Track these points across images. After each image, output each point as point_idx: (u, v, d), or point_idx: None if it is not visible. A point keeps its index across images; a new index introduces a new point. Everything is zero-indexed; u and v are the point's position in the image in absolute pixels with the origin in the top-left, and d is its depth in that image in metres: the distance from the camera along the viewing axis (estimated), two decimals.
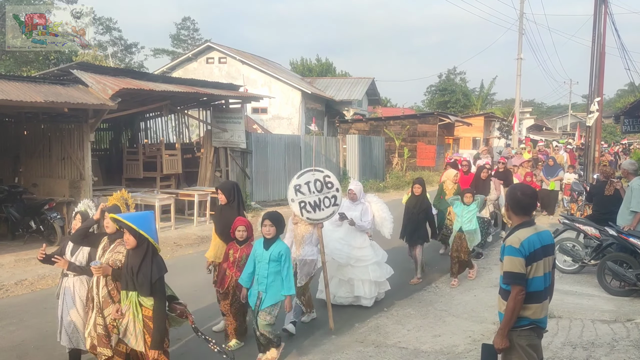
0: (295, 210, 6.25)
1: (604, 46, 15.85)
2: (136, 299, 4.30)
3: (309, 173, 6.41)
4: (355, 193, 7.36)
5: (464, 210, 8.20)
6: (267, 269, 5.17)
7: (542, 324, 3.65)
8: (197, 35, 54.94)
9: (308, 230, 6.32)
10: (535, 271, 3.54)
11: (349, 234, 7.19)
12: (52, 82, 11.56)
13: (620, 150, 31.10)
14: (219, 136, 15.31)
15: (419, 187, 8.44)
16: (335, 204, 6.38)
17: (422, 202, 8.39)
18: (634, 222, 7.82)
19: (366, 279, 7.16)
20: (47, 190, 12.33)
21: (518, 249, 3.51)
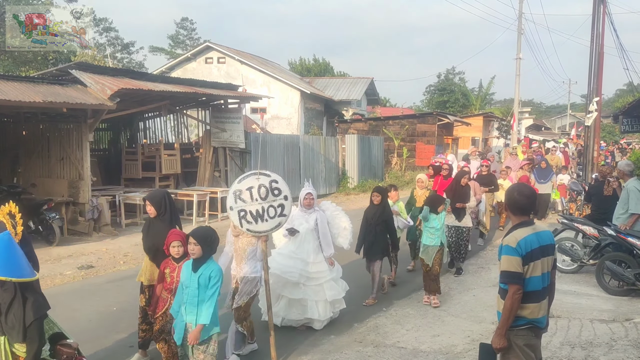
0: (233, 220, 5.39)
1: (602, 46, 15.88)
2: (6, 346, 3.53)
3: (253, 177, 5.50)
4: (313, 198, 6.53)
5: (440, 221, 7.37)
6: (197, 295, 4.32)
7: (540, 324, 3.65)
8: (195, 35, 54.99)
9: (251, 243, 5.55)
10: (533, 271, 3.55)
11: (302, 247, 6.40)
12: (50, 82, 11.57)
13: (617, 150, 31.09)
14: (218, 136, 15.31)
15: (377, 195, 7.49)
16: (282, 214, 5.47)
17: (382, 212, 7.41)
18: (629, 222, 7.84)
19: (321, 299, 6.35)
20: (46, 191, 12.33)
21: (515, 248, 3.52)
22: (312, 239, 6.40)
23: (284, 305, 6.34)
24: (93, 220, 11.87)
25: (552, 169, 14.42)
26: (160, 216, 5.15)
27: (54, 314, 4.01)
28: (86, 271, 9.12)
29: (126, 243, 11.33)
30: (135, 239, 11.65)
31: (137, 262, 9.13)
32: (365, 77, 34.89)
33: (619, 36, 23.98)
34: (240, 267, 5.54)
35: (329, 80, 35.94)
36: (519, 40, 29.75)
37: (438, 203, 7.39)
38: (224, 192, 14.41)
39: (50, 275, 8.82)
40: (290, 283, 6.27)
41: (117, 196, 13.09)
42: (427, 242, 7.34)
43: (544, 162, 14.08)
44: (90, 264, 9.55)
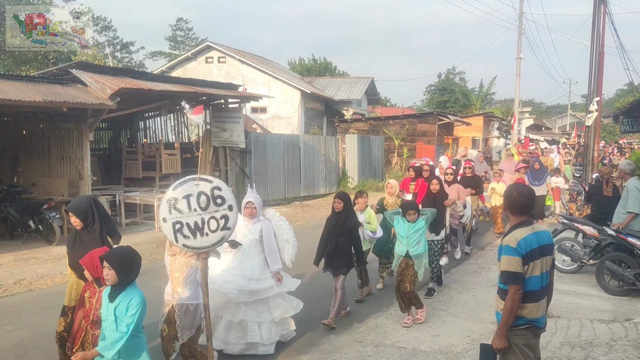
0: (167, 234, 4.61)
1: (603, 46, 15.87)
2: None
3: (191, 183, 4.70)
4: (255, 207, 5.72)
5: (410, 230, 6.47)
6: (116, 329, 3.63)
7: (539, 324, 3.65)
8: (192, 35, 55.04)
9: (190, 264, 4.77)
10: (532, 270, 3.55)
11: (245, 262, 5.62)
12: (51, 81, 11.57)
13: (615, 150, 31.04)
14: (218, 136, 15.31)
15: (339, 202, 6.58)
16: (225, 227, 4.71)
17: (345, 221, 6.52)
18: (625, 221, 7.84)
19: (265, 320, 5.59)
20: (46, 190, 12.33)
21: (515, 248, 3.52)
22: (257, 252, 5.66)
23: (223, 327, 5.58)
24: None
25: (547, 170, 13.80)
26: (88, 227, 4.61)
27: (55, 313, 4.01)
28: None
29: (126, 242, 11.21)
30: (136, 238, 11.66)
31: None
32: (365, 77, 34.90)
33: (619, 36, 23.98)
34: (177, 293, 4.76)
35: (329, 80, 35.94)
36: (519, 40, 29.77)
37: (407, 208, 6.56)
38: None
39: (50, 274, 8.82)
40: (231, 303, 5.53)
41: (117, 196, 13.09)
42: (396, 249, 6.66)
43: (537, 163, 13.32)
44: None
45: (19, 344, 5.92)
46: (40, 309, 7.07)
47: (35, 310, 7.04)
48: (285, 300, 5.82)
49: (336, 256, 6.50)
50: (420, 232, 6.48)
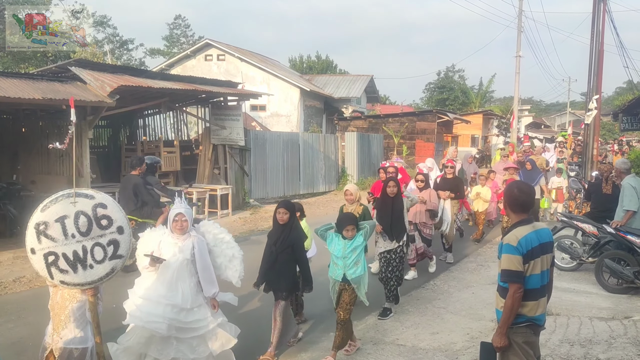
0: (37, 268, 3.84)
1: (602, 44, 15.85)
2: None
3: (65, 201, 3.83)
4: (186, 220, 4.76)
5: (347, 248, 5.38)
6: None
7: (539, 322, 3.66)
8: (189, 32, 55.02)
9: (75, 297, 3.97)
10: (533, 269, 3.56)
11: (175, 287, 4.66)
12: (50, 79, 11.55)
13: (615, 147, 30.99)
14: (218, 133, 15.30)
15: (285, 212, 5.50)
16: (116, 256, 3.91)
17: (288, 235, 5.49)
18: (624, 219, 7.87)
19: (201, 356, 4.72)
20: (46, 187, 12.30)
21: (515, 247, 3.53)
22: (189, 274, 4.72)
23: None
24: None
25: (540, 171, 12.74)
26: None
27: None
28: None
29: None
30: None
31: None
32: (365, 75, 34.92)
33: (619, 34, 24.00)
34: (58, 334, 3.94)
35: (328, 77, 35.95)
36: (518, 38, 29.75)
37: (344, 223, 5.45)
38: (223, 190, 14.42)
39: None
40: (157, 338, 4.61)
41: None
42: (330, 272, 5.61)
43: (529, 162, 12.25)
44: None
45: (18, 342, 5.92)
46: (40, 306, 7.03)
47: (35, 308, 7.03)
48: (224, 329, 4.88)
49: (276, 277, 5.47)
50: (358, 251, 5.39)
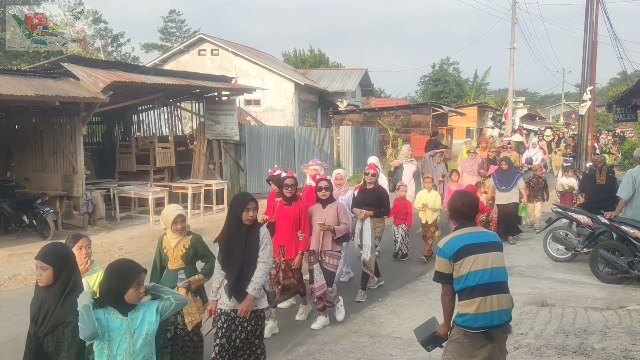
0: None
1: (596, 35, 15.88)
2: None
3: None
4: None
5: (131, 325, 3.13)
6: None
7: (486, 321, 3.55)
8: (184, 27, 54.80)
9: None
10: (461, 269, 3.58)
11: None
12: (42, 75, 11.49)
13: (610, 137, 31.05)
14: (212, 128, 15.27)
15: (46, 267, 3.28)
16: None
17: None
18: (617, 208, 7.91)
19: None
20: (40, 185, 12.27)
21: (442, 249, 3.65)
22: None
23: None
24: (87, 214, 11.84)
25: (519, 171, 11.26)
26: None
27: None
28: None
29: (121, 236, 11.30)
30: (131, 232, 11.63)
31: (132, 255, 9.11)
32: (359, 68, 34.84)
33: (612, 25, 24.03)
34: None
35: (323, 71, 35.86)
36: (512, 29, 29.80)
37: (122, 279, 3.14)
38: (218, 185, 14.40)
39: None
40: None
41: (111, 190, 13.05)
42: None
43: (504, 161, 10.59)
44: None
45: (14, 339, 5.90)
46: None
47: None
48: None
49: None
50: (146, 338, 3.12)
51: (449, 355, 3.67)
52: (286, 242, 5.99)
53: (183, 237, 4.70)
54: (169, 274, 4.68)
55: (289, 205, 5.97)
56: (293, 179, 6.03)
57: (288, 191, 5.92)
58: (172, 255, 4.68)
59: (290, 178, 6.03)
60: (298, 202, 6.02)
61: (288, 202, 5.98)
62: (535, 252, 9.66)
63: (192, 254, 4.69)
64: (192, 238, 4.72)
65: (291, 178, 6.03)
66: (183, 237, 4.70)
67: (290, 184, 5.94)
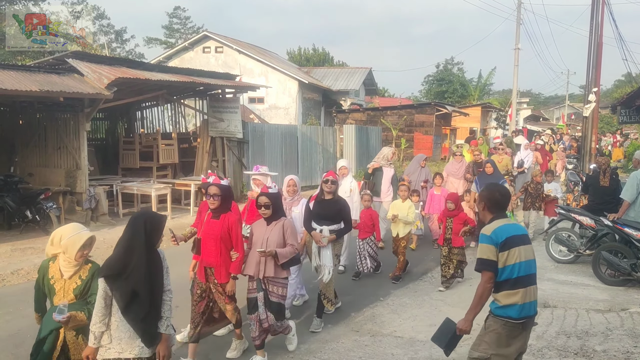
0: None
1: (601, 36, 15.84)
2: None
3: None
4: None
5: None
6: None
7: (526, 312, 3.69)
8: (189, 24, 54.81)
9: None
10: (508, 259, 3.65)
11: None
12: (47, 71, 11.50)
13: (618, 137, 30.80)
14: (216, 126, 15.27)
15: None
16: None
17: None
18: (621, 210, 7.89)
19: None
20: (43, 180, 12.30)
21: (489, 236, 3.67)
22: None
23: None
24: (90, 210, 11.86)
25: (502, 175, 10.40)
26: None
27: None
28: None
29: None
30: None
31: None
32: (363, 67, 34.80)
33: (618, 26, 23.95)
34: None
35: (327, 70, 35.84)
36: (517, 30, 29.69)
37: None
38: None
39: None
40: None
41: (114, 186, 13.07)
42: None
43: (489, 164, 9.95)
44: None
45: (17, 334, 5.93)
46: None
47: (32, 300, 7.03)
48: None
49: None
50: None
51: (486, 346, 3.70)
52: (214, 262, 5.00)
53: (82, 266, 3.93)
54: (52, 311, 3.78)
55: (217, 218, 5.01)
56: (217, 188, 4.98)
57: (211, 201, 4.96)
58: (61, 287, 3.88)
59: (213, 186, 4.99)
60: (227, 216, 5.02)
61: (215, 215, 5.02)
62: (537, 253, 9.53)
63: (87, 288, 3.90)
64: (91, 267, 3.96)
65: (215, 186, 4.99)
66: (82, 266, 3.93)
67: (213, 192, 4.95)
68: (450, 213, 7.77)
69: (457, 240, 7.65)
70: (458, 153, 11.65)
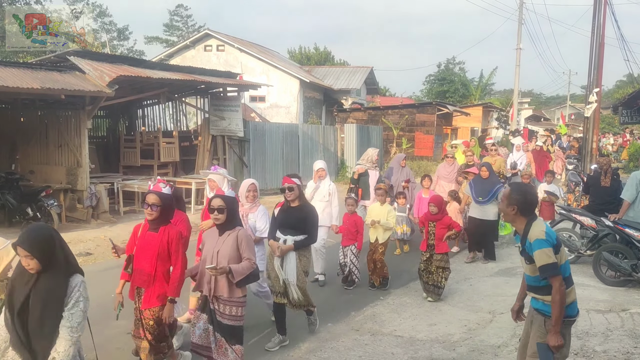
0: None
1: (603, 37, 15.84)
2: None
3: None
4: None
5: None
6: None
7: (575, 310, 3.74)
8: (191, 22, 54.81)
9: None
10: (562, 258, 3.62)
11: None
12: (48, 68, 11.51)
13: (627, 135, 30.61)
14: (217, 124, 15.28)
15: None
16: None
17: None
18: (621, 210, 7.89)
19: None
20: (44, 178, 12.31)
21: (545, 240, 3.51)
22: None
23: None
24: (91, 208, 11.88)
25: (499, 180, 9.59)
26: None
27: None
28: (84, 258, 9.12)
29: (124, 230, 11.31)
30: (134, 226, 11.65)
31: None
32: (364, 66, 34.77)
33: (619, 27, 23.93)
34: None
35: (328, 69, 35.81)
36: (519, 30, 29.71)
37: None
38: None
39: None
40: None
41: (115, 183, 13.09)
42: None
43: (484, 167, 9.08)
44: (88, 251, 9.57)
45: None
46: None
47: None
48: None
49: None
50: None
51: (565, 351, 3.62)
52: (146, 282, 4.33)
53: None
54: None
55: (155, 231, 4.36)
56: (156, 197, 4.33)
57: (149, 212, 4.32)
58: None
59: (152, 194, 4.34)
60: (167, 228, 4.37)
61: (153, 227, 4.37)
62: None
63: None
64: None
65: (154, 194, 4.34)
66: None
67: (152, 202, 4.30)
68: (433, 217, 7.06)
69: (440, 247, 6.96)
70: (450, 155, 11.11)
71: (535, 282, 3.61)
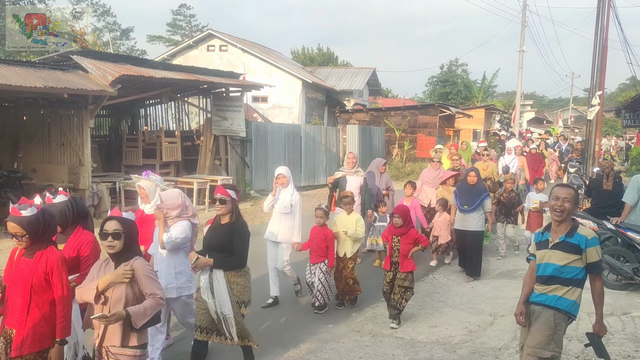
0: None
1: (606, 39, 15.85)
2: None
3: None
4: None
5: None
6: None
7: None
8: (193, 22, 54.87)
9: None
10: None
11: None
12: (51, 67, 11.53)
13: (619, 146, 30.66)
14: (219, 124, 15.29)
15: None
16: None
17: None
18: (623, 214, 7.88)
19: None
20: (46, 176, 12.34)
21: (599, 238, 3.92)
22: None
23: None
24: (93, 207, 11.88)
25: (486, 188, 8.57)
26: None
27: None
28: None
29: None
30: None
31: None
32: (367, 68, 34.78)
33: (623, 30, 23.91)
34: None
35: (331, 70, 35.83)
36: (522, 32, 29.68)
37: None
38: (224, 181, 14.41)
39: None
40: None
41: (117, 183, 13.09)
42: None
43: (472, 172, 8.22)
44: None
45: None
46: None
47: None
48: None
49: None
50: None
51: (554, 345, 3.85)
52: (18, 323, 3.37)
53: None
54: None
55: (30, 257, 3.42)
56: (14, 225, 3.33)
57: (19, 232, 3.34)
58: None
59: (10, 221, 3.33)
60: (46, 253, 3.42)
61: (29, 253, 3.42)
62: None
63: None
64: None
65: (11, 221, 3.33)
66: None
67: (13, 232, 3.34)
68: (397, 230, 6.09)
69: (405, 264, 6.03)
70: (436, 159, 10.19)
71: (562, 273, 3.80)
